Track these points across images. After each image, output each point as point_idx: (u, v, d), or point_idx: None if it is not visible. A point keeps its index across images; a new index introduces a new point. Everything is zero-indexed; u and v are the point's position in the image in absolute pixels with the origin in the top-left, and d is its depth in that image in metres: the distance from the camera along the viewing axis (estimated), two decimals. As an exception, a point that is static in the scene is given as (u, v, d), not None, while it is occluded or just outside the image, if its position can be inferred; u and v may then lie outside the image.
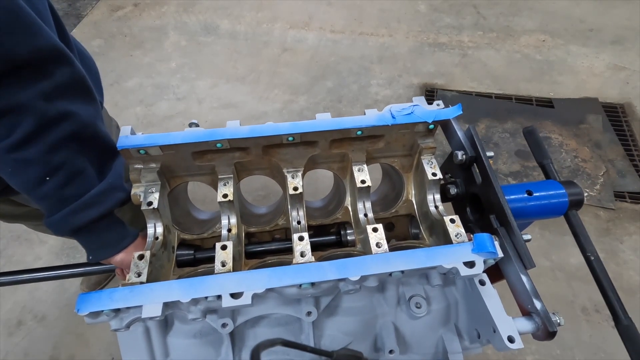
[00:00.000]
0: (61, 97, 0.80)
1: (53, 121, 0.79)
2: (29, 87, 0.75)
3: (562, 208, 1.03)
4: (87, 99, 0.88)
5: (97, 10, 4.13)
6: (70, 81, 0.82)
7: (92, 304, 0.72)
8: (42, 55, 0.76)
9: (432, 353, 0.98)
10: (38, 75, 0.76)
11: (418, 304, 0.93)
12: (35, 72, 0.76)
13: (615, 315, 0.89)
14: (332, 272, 0.76)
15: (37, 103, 0.76)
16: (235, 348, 0.92)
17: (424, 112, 0.99)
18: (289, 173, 1.03)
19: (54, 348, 2.08)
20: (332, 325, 0.96)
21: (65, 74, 0.80)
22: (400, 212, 1.17)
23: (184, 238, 1.10)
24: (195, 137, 0.92)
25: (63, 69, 0.80)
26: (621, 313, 0.88)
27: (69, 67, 0.81)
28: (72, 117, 0.82)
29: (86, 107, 0.86)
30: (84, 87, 0.86)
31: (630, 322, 0.86)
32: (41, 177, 0.81)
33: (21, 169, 0.80)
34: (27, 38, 0.73)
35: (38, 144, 0.78)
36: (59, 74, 0.79)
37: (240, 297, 0.73)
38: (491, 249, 0.79)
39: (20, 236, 2.46)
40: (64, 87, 0.80)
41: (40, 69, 0.77)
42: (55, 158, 0.81)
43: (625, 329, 0.86)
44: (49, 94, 0.78)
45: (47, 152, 0.79)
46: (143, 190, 0.96)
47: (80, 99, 0.85)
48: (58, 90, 0.79)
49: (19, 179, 0.82)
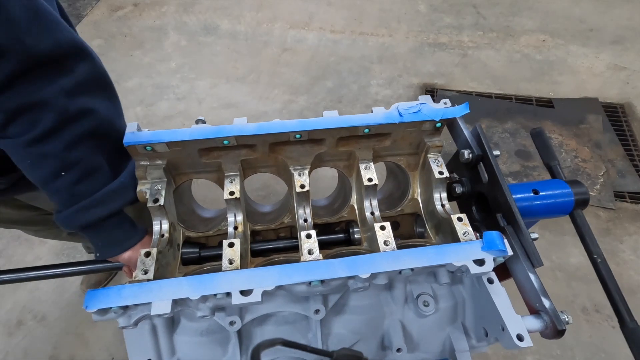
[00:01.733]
0: (82, 93, 0.81)
1: (73, 117, 0.80)
2: (50, 83, 0.76)
3: (568, 207, 1.03)
4: (108, 95, 0.89)
5: (97, 10, 4.12)
6: (91, 77, 0.82)
7: (100, 300, 0.72)
8: (63, 51, 0.76)
9: (440, 351, 0.98)
10: (59, 72, 0.77)
11: (426, 302, 0.92)
12: (56, 68, 0.77)
13: (620, 317, 0.88)
14: (342, 269, 0.76)
15: (58, 99, 0.77)
16: (242, 346, 0.91)
17: (431, 111, 0.99)
18: (296, 171, 1.02)
19: (54, 348, 2.07)
20: (339, 323, 0.95)
21: (85, 69, 0.81)
22: (405, 211, 1.17)
23: (189, 236, 1.10)
24: (202, 134, 0.91)
25: (83, 65, 0.81)
26: (627, 316, 0.87)
27: (89, 62, 0.82)
28: (91, 114, 0.83)
29: (106, 104, 0.87)
30: (105, 83, 0.87)
31: (636, 325, 0.86)
32: (57, 171, 0.82)
33: (39, 162, 0.81)
34: (47, 34, 0.73)
35: (57, 140, 0.79)
36: (79, 69, 0.80)
37: (250, 295, 0.73)
38: (501, 247, 0.79)
39: (21, 236, 2.45)
40: (84, 83, 0.81)
41: (61, 65, 0.77)
42: (73, 154, 0.82)
43: (630, 331, 0.85)
44: (70, 90, 0.78)
45: (65, 148, 0.80)
46: (149, 187, 0.95)
47: (100, 95, 0.86)
48: (79, 86, 0.80)
49: (36, 172, 0.83)
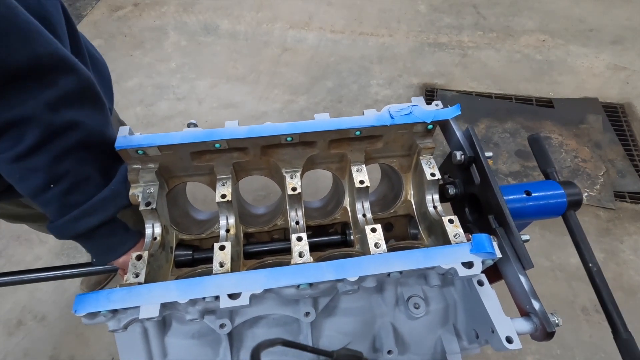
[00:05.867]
0: (67, 106, 0.78)
1: (59, 131, 0.78)
2: (32, 98, 0.73)
3: (561, 208, 1.03)
4: (95, 106, 0.86)
5: (97, 10, 4.13)
6: (76, 89, 0.79)
7: (89, 304, 0.72)
8: (42, 63, 0.73)
9: (431, 353, 0.98)
10: (41, 85, 0.74)
11: (416, 304, 0.92)
12: (37, 82, 0.74)
13: (614, 328, 0.88)
14: (330, 272, 0.76)
15: (42, 113, 0.75)
16: (233, 348, 0.92)
17: (422, 113, 0.99)
18: (288, 173, 1.03)
19: (54, 348, 2.09)
20: (330, 325, 0.95)
21: (70, 82, 0.78)
22: (399, 213, 1.17)
23: (182, 238, 1.10)
24: (193, 138, 0.92)
25: (67, 78, 0.77)
26: (621, 327, 0.86)
27: (73, 75, 0.78)
28: (78, 127, 0.81)
29: (93, 115, 0.85)
30: (91, 94, 0.84)
31: (629, 336, 0.85)
32: (46, 184, 0.81)
33: (27, 176, 0.80)
34: (23, 46, 0.70)
35: (43, 154, 0.78)
36: (63, 82, 0.77)
37: (238, 298, 0.73)
38: (489, 249, 0.79)
39: (21, 236, 2.46)
40: (69, 96, 0.78)
41: (43, 78, 0.74)
42: (60, 167, 0.81)
43: (624, 342, 0.84)
44: (54, 104, 0.76)
45: (52, 161, 0.79)
46: (141, 191, 0.96)
47: (87, 106, 0.84)
48: (63, 99, 0.77)
49: (25, 185, 0.82)
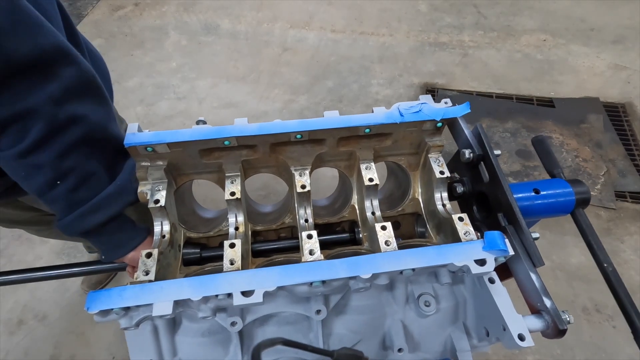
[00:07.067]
0: (70, 100, 0.78)
1: (63, 125, 0.78)
2: (37, 91, 0.73)
3: (569, 206, 1.03)
4: (98, 99, 0.86)
5: (97, 10, 4.11)
6: (79, 82, 0.79)
7: (102, 302, 0.72)
8: (47, 55, 0.73)
9: (441, 351, 0.98)
10: (45, 78, 0.74)
11: (427, 302, 0.92)
12: (41, 75, 0.74)
13: (634, 328, 0.87)
14: (343, 270, 0.76)
15: (46, 107, 0.75)
16: (243, 347, 0.91)
17: (432, 110, 0.99)
18: (297, 171, 1.02)
19: (54, 347, 2.07)
20: (340, 323, 0.95)
21: (72, 74, 0.78)
22: (406, 211, 1.17)
23: (189, 236, 1.10)
24: (203, 135, 0.92)
25: (70, 69, 0.77)
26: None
27: (75, 66, 0.78)
28: (82, 121, 0.80)
29: (97, 109, 0.85)
30: (94, 87, 0.84)
31: None
32: (52, 181, 0.81)
33: (32, 173, 0.79)
34: (28, 39, 0.70)
35: (48, 150, 0.77)
36: (65, 75, 0.77)
37: (252, 295, 0.73)
38: (502, 246, 0.79)
39: (22, 236, 2.45)
40: (72, 89, 0.78)
41: (47, 71, 0.74)
42: (66, 163, 0.80)
43: None
44: (58, 98, 0.76)
45: (57, 157, 0.79)
46: (150, 188, 0.95)
47: (90, 99, 0.83)
48: (67, 92, 0.77)
49: (31, 183, 0.81)
